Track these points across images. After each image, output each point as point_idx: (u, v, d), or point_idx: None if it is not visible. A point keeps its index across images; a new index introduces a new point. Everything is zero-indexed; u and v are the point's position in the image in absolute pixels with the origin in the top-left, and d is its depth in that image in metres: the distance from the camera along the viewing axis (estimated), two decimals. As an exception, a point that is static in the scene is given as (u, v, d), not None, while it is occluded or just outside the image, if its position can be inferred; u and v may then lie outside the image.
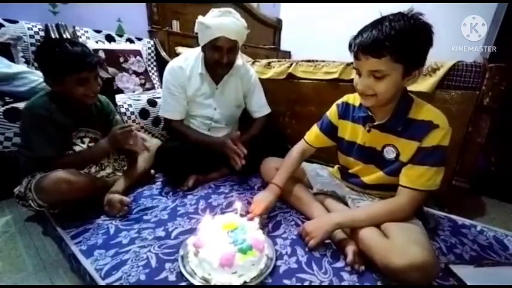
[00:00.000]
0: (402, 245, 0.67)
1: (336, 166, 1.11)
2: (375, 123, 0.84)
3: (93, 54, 0.97)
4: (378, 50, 0.69)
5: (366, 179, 0.92)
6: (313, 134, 1.03)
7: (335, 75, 1.44)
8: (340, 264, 0.80)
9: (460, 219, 1.06)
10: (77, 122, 1.03)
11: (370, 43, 0.69)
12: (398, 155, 0.81)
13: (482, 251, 0.89)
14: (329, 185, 1.02)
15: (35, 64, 1.43)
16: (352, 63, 1.41)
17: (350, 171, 0.97)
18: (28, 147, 0.93)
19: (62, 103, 0.96)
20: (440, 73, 1.13)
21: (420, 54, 0.71)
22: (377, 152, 0.86)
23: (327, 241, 0.86)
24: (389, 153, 0.83)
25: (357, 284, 0.73)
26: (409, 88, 1.18)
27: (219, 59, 1.16)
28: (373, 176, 0.89)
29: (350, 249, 0.79)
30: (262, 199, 0.94)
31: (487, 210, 1.26)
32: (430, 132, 0.74)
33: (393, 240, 0.71)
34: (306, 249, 0.85)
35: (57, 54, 0.89)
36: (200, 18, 1.13)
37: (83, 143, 1.05)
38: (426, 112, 0.77)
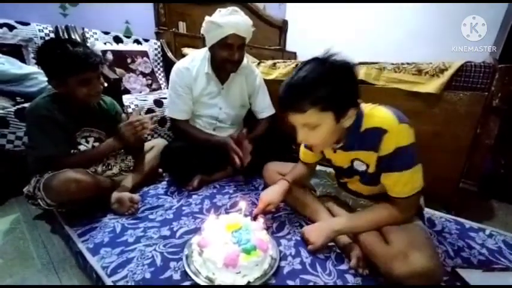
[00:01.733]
0: (403, 252, 0.66)
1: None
2: (337, 146, 0.83)
3: (95, 54, 0.97)
4: (299, 106, 0.67)
5: (355, 189, 0.91)
6: (302, 152, 1.03)
7: (341, 76, 1.43)
8: (344, 266, 0.79)
9: (468, 223, 1.04)
10: (80, 122, 1.04)
11: (291, 100, 0.68)
12: (368, 166, 0.79)
13: (491, 255, 0.87)
14: (331, 187, 1.02)
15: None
16: (358, 63, 1.41)
17: (341, 181, 0.97)
18: (33, 147, 0.95)
19: (64, 104, 0.97)
20: (448, 74, 1.11)
21: (346, 97, 0.68)
22: (350, 167, 0.84)
23: (331, 244, 0.86)
24: (360, 166, 0.81)
25: (361, 285, 0.73)
26: (417, 90, 1.18)
27: (229, 57, 1.17)
28: (359, 187, 0.88)
29: (354, 254, 0.79)
30: (267, 193, 0.95)
31: (496, 213, 1.24)
32: (382, 139, 0.70)
33: (393, 246, 0.70)
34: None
35: (59, 55, 0.88)
36: (208, 18, 1.14)
37: (88, 142, 1.07)
38: (374, 119, 0.73)
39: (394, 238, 0.71)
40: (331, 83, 0.65)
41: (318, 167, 1.16)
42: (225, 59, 1.18)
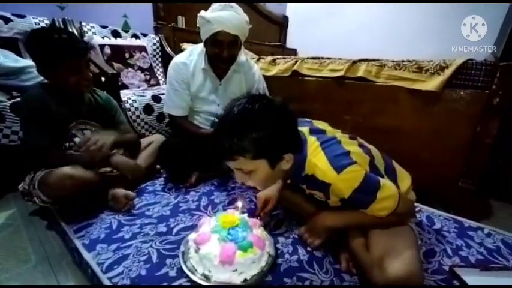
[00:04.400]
0: (380, 260, 0.64)
1: None
2: (288, 181, 0.82)
3: (81, 40, 0.96)
4: (228, 154, 0.65)
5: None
6: None
7: (341, 73, 1.42)
8: (341, 264, 0.79)
9: (467, 221, 1.04)
10: (74, 114, 1.03)
11: (220, 146, 0.65)
12: (326, 198, 0.78)
13: (489, 254, 0.87)
14: None
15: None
16: (358, 60, 1.40)
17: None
18: (24, 139, 0.95)
19: (57, 94, 0.96)
20: (449, 71, 1.10)
21: (280, 144, 0.65)
22: (311, 195, 0.83)
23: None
24: (319, 197, 0.80)
25: (358, 285, 0.72)
26: (417, 87, 1.17)
27: (219, 53, 1.15)
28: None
29: (343, 257, 0.79)
30: (263, 192, 0.93)
31: (494, 212, 1.23)
32: (329, 190, 0.70)
33: (372, 253, 0.69)
34: (308, 249, 0.84)
35: (46, 43, 0.87)
36: (201, 12, 1.13)
37: (83, 135, 1.06)
38: (315, 169, 0.70)
39: (374, 244, 0.70)
40: (262, 130, 0.61)
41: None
42: (216, 56, 1.17)
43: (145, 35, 2.15)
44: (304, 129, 0.77)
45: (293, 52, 3.44)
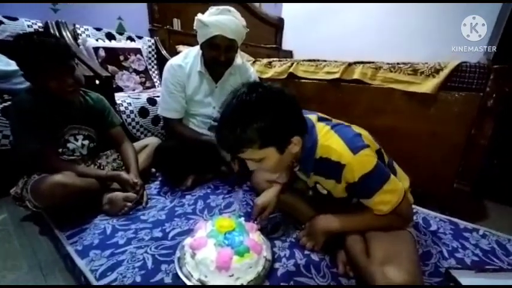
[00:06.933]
0: (381, 266, 0.63)
1: None
2: (295, 169, 0.82)
3: (64, 46, 0.91)
4: (234, 149, 0.67)
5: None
6: None
7: (336, 75, 1.42)
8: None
9: (462, 223, 1.04)
10: (66, 118, 1.01)
11: (225, 145, 0.67)
12: (328, 191, 0.78)
13: (484, 255, 0.88)
14: None
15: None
16: (354, 62, 1.41)
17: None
18: (17, 143, 0.92)
19: (46, 98, 0.93)
20: (443, 74, 1.11)
21: (283, 129, 0.65)
22: (314, 187, 0.83)
23: None
24: (321, 189, 0.80)
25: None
26: (412, 90, 1.17)
27: (216, 57, 1.15)
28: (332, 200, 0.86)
29: (339, 259, 0.78)
30: (260, 199, 0.93)
31: (489, 214, 1.24)
32: (342, 172, 0.69)
33: (373, 258, 0.68)
34: (305, 252, 0.83)
35: (24, 48, 0.85)
36: (199, 15, 1.12)
37: (76, 140, 1.04)
38: (330, 151, 0.70)
39: (374, 248, 0.70)
40: (263, 119, 0.61)
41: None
42: (213, 59, 1.16)
43: (140, 38, 2.13)
44: (312, 117, 0.77)
45: (289, 54, 3.45)
